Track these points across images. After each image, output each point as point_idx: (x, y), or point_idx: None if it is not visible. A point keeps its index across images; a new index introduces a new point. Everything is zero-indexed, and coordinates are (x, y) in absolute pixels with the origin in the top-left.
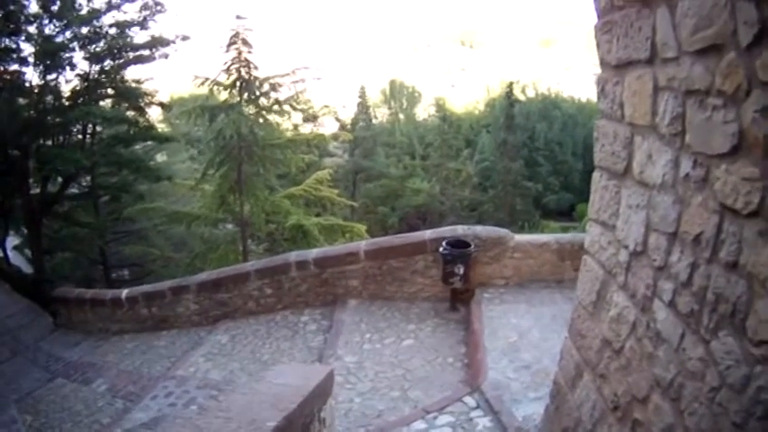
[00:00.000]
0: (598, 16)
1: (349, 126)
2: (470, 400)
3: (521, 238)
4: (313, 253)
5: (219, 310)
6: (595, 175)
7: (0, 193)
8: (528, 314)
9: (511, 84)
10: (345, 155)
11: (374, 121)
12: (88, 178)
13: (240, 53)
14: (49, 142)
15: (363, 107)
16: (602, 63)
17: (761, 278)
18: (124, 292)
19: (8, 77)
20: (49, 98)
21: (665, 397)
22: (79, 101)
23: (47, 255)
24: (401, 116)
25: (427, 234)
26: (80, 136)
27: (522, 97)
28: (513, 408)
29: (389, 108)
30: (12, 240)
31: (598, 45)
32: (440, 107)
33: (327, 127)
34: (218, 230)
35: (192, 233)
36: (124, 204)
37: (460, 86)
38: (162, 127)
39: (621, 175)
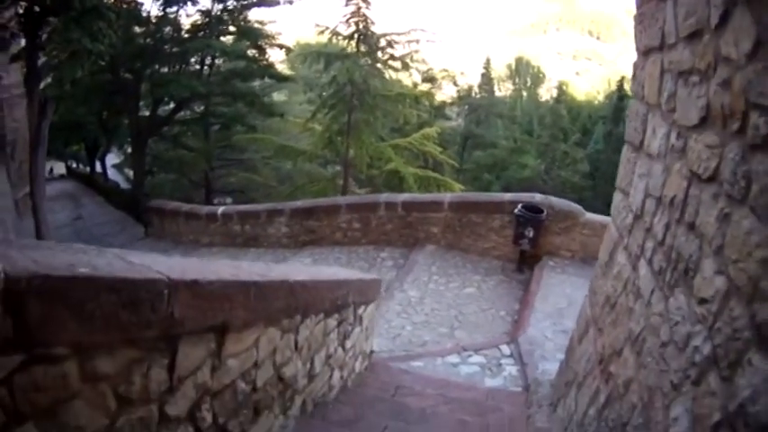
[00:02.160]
0: (636, 8)
1: (467, 92)
2: (505, 349)
3: (591, 216)
4: (402, 197)
5: (308, 236)
6: (624, 148)
7: (107, 111)
8: (584, 288)
9: (622, 78)
10: (460, 120)
11: (497, 93)
12: (201, 107)
13: (359, 8)
14: (165, 69)
15: (487, 78)
16: (636, 50)
17: (708, 238)
18: (220, 209)
19: (126, 5)
20: (168, 29)
21: (632, 350)
22: (199, 34)
23: (149, 174)
24: (524, 93)
25: (507, 196)
26: (197, 66)
27: None
28: (540, 363)
29: (514, 84)
30: (113, 159)
31: (634, 34)
32: (562, 91)
33: (446, 91)
34: (323, 169)
35: (297, 169)
36: (234, 133)
37: (584, 75)
38: (282, 68)
39: (638, 148)
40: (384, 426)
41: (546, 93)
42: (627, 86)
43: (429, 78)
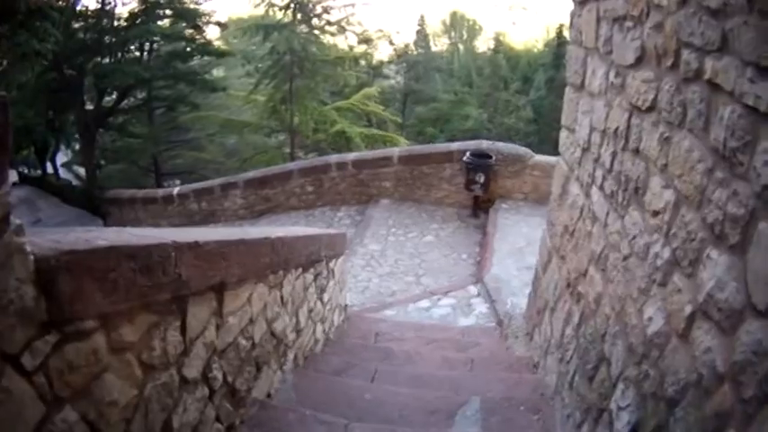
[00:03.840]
0: None
1: (404, 50)
2: (473, 290)
3: (540, 158)
4: (351, 156)
5: (264, 205)
6: (566, 90)
7: (53, 110)
8: (540, 226)
9: (561, 26)
10: (399, 78)
11: (433, 49)
12: (144, 93)
13: None
14: (107, 60)
15: (422, 34)
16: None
17: (653, 159)
18: (176, 189)
19: (63, 3)
20: (105, 21)
21: (597, 268)
22: (137, 21)
23: (98, 167)
24: (461, 47)
25: (454, 145)
26: (137, 53)
27: None
28: (508, 298)
29: (450, 38)
30: (61, 158)
31: None
32: (499, 42)
33: (382, 51)
34: (269, 139)
35: (243, 142)
36: (179, 114)
37: (521, 25)
38: (219, 44)
39: (579, 88)
40: (374, 369)
41: (483, 45)
42: (566, 34)
43: (365, 40)
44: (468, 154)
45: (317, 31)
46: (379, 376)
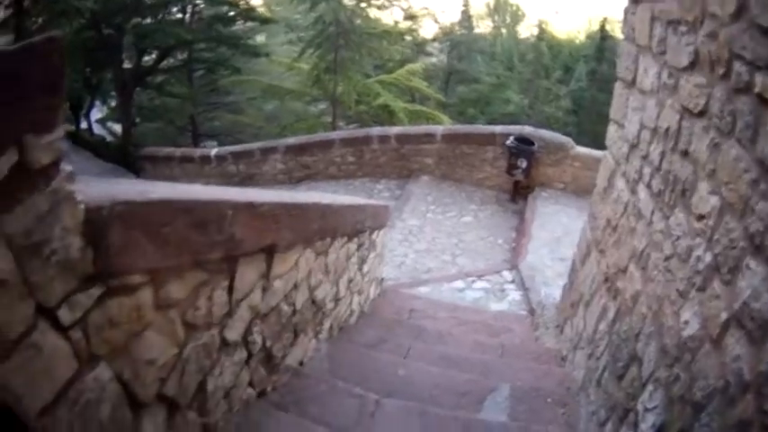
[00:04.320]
0: None
1: (449, 29)
2: (507, 275)
3: (581, 149)
4: (395, 130)
5: (303, 171)
6: (616, 84)
7: (90, 67)
8: (578, 218)
9: (605, 19)
10: (443, 56)
11: (476, 31)
12: (184, 54)
13: None
14: (148, 20)
15: (466, 15)
16: None
17: (702, 163)
18: (213, 151)
19: None
20: None
21: (638, 266)
22: None
23: (134, 125)
24: (503, 31)
25: (498, 128)
26: (180, 15)
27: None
28: (542, 288)
29: (493, 22)
30: (96, 114)
31: None
32: (542, 29)
33: (427, 29)
34: (310, 107)
35: (284, 109)
36: (219, 77)
37: (564, 14)
38: (262, 11)
39: (630, 84)
40: (408, 346)
41: (526, 31)
42: (609, 27)
43: (410, 16)
44: (511, 138)
45: (363, 4)
46: (412, 353)
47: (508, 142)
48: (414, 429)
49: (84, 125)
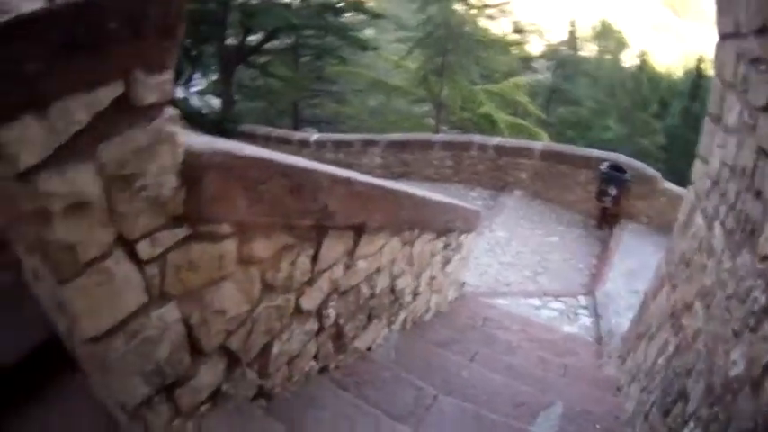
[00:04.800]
0: None
1: (555, 48)
2: (582, 300)
3: (669, 185)
4: (495, 140)
5: (401, 168)
6: (705, 120)
7: (192, 39)
8: (657, 254)
9: (701, 57)
10: (548, 74)
11: (581, 53)
12: (291, 39)
13: None
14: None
15: (572, 37)
16: (718, 33)
17: None
18: (314, 136)
19: None
20: None
21: (703, 303)
22: None
23: (233, 101)
24: (607, 57)
25: (594, 152)
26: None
27: None
28: (613, 317)
29: (598, 46)
30: (195, 86)
31: (715, 17)
32: (643, 61)
33: (533, 45)
34: (414, 107)
35: (388, 105)
36: (326, 65)
37: (664, 47)
38: (372, 5)
39: (717, 121)
40: (475, 351)
41: (628, 60)
42: (705, 66)
43: (518, 30)
44: (605, 164)
45: (473, 11)
46: (478, 358)
47: (602, 167)
48: (463, 429)
49: (181, 95)
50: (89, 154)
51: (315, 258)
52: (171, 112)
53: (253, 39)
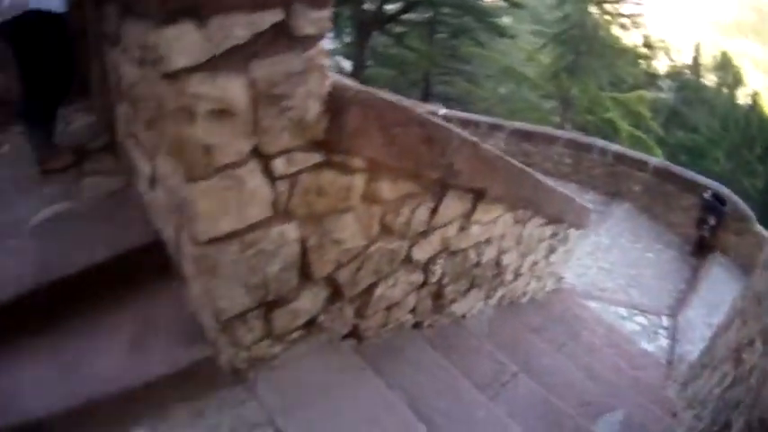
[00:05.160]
0: None
1: (680, 69)
2: (664, 321)
3: (761, 228)
4: (614, 147)
5: (522, 158)
6: None
7: None
8: (738, 291)
9: None
10: (671, 94)
11: (702, 80)
12: (428, 13)
13: None
14: None
15: (696, 62)
16: None
17: None
18: (442, 110)
19: None
20: None
21: (763, 340)
22: None
23: (365, 67)
24: (724, 90)
25: (701, 179)
26: None
27: None
28: (686, 344)
29: (717, 77)
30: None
31: None
32: (755, 101)
33: (660, 63)
34: (541, 101)
35: (518, 94)
36: (461, 44)
37: None
38: None
39: None
40: (563, 342)
41: (742, 97)
42: None
43: (647, 44)
44: (709, 192)
45: (607, 17)
46: (563, 350)
47: (705, 195)
48: (532, 410)
49: None
50: (242, 68)
51: (433, 212)
52: (324, 46)
53: (390, 8)
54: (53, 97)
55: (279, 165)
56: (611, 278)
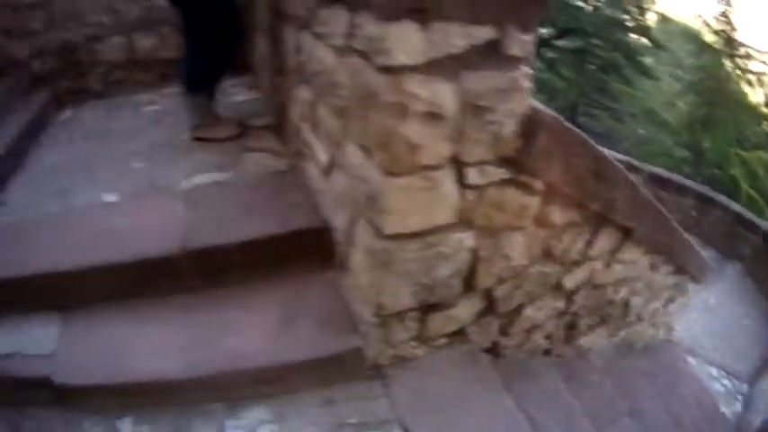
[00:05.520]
0: None
1: None
2: (745, 387)
3: None
4: (735, 207)
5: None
6: None
7: None
8: None
9: None
10: None
11: None
12: (578, 43)
13: (726, 12)
14: None
15: None
16: None
17: None
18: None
19: None
20: None
21: None
22: None
23: None
24: None
25: None
26: (581, 3)
27: None
28: (757, 415)
29: None
30: None
31: None
32: None
33: None
34: (676, 148)
35: (655, 138)
36: (611, 80)
37: None
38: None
39: None
40: (663, 391)
41: None
42: None
43: None
44: None
45: (738, 71)
46: (662, 398)
47: None
48: None
49: None
50: (454, 76)
51: (588, 244)
52: (528, 70)
53: (544, 32)
54: (218, 67)
55: (471, 174)
56: (710, 337)
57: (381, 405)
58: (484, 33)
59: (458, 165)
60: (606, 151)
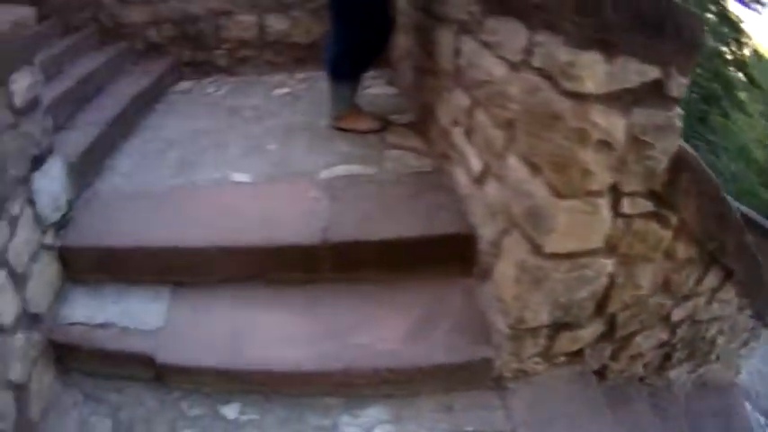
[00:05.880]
0: None
1: None
2: None
3: None
4: None
5: None
6: None
7: None
8: None
9: None
10: None
11: None
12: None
13: None
14: None
15: None
16: None
17: None
18: None
19: None
20: None
21: None
22: None
23: None
24: None
25: None
26: None
27: None
28: None
29: None
30: None
31: None
32: None
33: None
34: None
35: (744, 177)
36: (712, 112)
37: None
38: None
39: None
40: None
41: None
42: None
43: None
44: None
45: None
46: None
47: None
48: None
49: None
50: (626, 110)
51: (698, 281)
52: (680, 110)
53: None
54: (367, 60)
55: (625, 204)
56: (764, 384)
57: (498, 416)
58: (653, 73)
59: (615, 194)
60: None
